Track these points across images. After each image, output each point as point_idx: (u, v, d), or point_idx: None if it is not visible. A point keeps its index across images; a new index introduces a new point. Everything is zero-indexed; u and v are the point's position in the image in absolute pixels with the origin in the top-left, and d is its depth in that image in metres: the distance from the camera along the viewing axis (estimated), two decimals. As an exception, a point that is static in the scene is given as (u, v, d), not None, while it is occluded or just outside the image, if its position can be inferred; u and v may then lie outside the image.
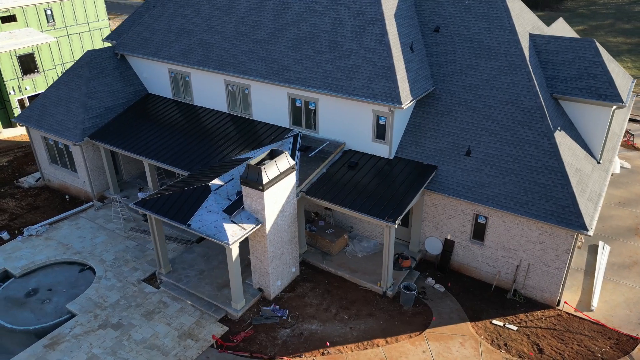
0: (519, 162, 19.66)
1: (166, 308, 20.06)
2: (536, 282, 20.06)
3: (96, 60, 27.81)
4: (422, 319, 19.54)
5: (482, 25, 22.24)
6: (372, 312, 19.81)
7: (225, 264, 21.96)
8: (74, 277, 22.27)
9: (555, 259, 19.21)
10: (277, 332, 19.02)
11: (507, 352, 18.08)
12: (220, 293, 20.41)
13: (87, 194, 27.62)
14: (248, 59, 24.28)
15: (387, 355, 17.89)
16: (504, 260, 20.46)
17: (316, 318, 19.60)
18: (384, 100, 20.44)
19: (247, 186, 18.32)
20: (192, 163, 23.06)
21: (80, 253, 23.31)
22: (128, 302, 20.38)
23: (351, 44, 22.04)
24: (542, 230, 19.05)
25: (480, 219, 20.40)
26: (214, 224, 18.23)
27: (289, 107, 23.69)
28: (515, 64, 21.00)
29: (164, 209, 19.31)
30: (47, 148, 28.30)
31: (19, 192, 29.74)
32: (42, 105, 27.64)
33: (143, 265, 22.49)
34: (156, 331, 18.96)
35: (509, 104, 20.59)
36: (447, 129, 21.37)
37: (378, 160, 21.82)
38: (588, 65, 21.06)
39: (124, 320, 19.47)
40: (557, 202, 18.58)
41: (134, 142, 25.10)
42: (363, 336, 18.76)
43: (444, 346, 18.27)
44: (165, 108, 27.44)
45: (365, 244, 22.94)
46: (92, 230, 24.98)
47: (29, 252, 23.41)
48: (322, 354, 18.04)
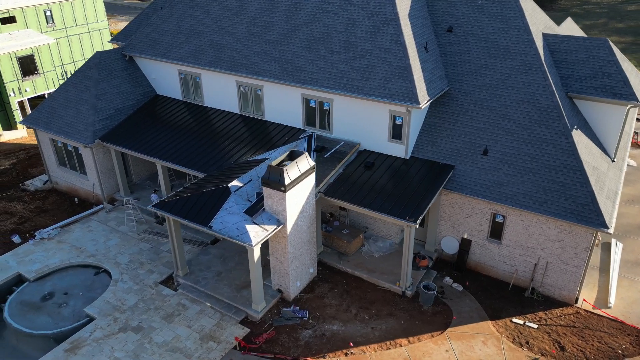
0: (537, 161, 19.78)
1: (186, 310, 19.97)
2: (554, 280, 20.20)
3: (105, 61, 27.62)
4: (442, 318, 19.60)
5: (496, 25, 22.35)
6: (392, 312, 19.85)
7: (242, 265, 21.90)
8: (90, 280, 22.10)
9: (574, 257, 19.35)
10: (298, 333, 19.00)
11: (529, 350, 18.19)
12: (239, 294, 20.35)
13: (97, 196, 27.42)
14: (261, 60, 24.22)
15: (411, 355, 17.93)
16: (522, 258, 20.58)
17: (337, 318, 19.60)
18: (401, 100, 20.47)
19: (268, 187, 18.28)
20: (207, 164, 22.96)
21: (95, 256, 23.14)
22: (147, 304, 20.27)
23: (366, 44, 22.06)
24: (561, 228, 19.18)
25: (498, 217, 20.50)
26: (236, 226, 18.17)
27: (303, 107, 23.67)
28: (530, 64, 21.13)
29: (184, 211, 19.22)
30: (56, 150, 28.06)
31: (26, 195, 29.46)
32: (50, 107, 27.40)
33: (159, 267, 22.37)
34: (177, 334, 18.86)
35: (525, 103, 20.71)
36: (463, 128, 21.45)
37: (394, 160, 21.86)
38: (602, 64, 21.23)
39: (144, 323, 19.36)
40: (576, 201, 18.71)
41: (146, 144, 24.95)
42: (385, 336, 18.79)
43: (467, 345, 18.34)
44: (176, 109, 27.31)
45: (380, 244, 22.97)
46: (105, 232, 24.80)
47: (42, 256, 23.20)
48: (346, 354, 18.05)
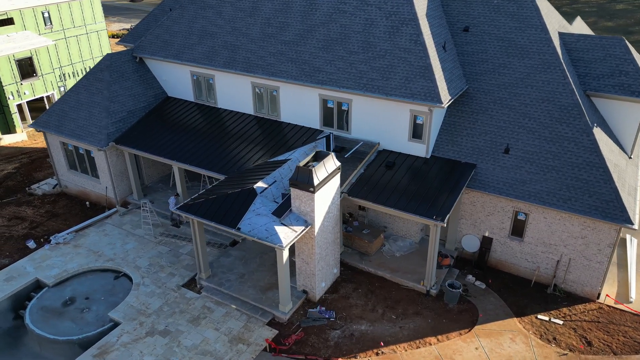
0: (559, 159, 19.99)
1: (211, 313, 19.85)
2: (577, 276, 20.43)
3: (116, 63, 27.35)
4: (468, 316, 19.72)
5: (513, 25, 22.54)
6: (418, 311, 19.93)
7: (264, 267, 21.83)
8: (110, 285, 21.88)
9: (598, 252, 19.59)
10: (327, 333, 19.00)
11: (557, 346, 18.38)
12: (265, 296, 20.29)
13: (109, 199, 27.14)
14: (277, 61, 24.16)
15: (441, 354, 18.02)
16: (544, 255, 20.78)
17: (364, 318, 19.63)
18: (423, 99, 20.56)
19: (296, 188, 18.25)
20: (226, 166, 22.85)
21: (113, 260, 22.91)
22: (171, 308, 20.11)
23: (385, 44, 22.11)
24: (585, 225, 19.41)
25: (520, 215, 20.67)
26: (265, 227, 18.11)
27: (320, 108, 23.66)
28: (549, 62, 21.34)
29: (210, 213, 19.11)
30: (66, 154, 27.72)
31: (35, 199, 29.07)
32: (61, 110, 27.06)
33: (179, 270, 22.21)
34: (205, 337, 18.75)
35: (545, 101, 20.92)
36: (484, 127, 21.61)
37: (415, 160, 21.95)
38: (619, 62, 21.52)
39: (170, 327, 19.21)
40: (600, 197, 18.95)
41: (161, 146, 24.76)
42: (414, 335, 18.86)
43: (495, 342, 18.48)
44: (189, 111, 27.13)
45: (400, 243, 23.04)
46: (121, 236, 24.56)
47: (59, 261, 22.91)
48: (377, 354, 18.08)
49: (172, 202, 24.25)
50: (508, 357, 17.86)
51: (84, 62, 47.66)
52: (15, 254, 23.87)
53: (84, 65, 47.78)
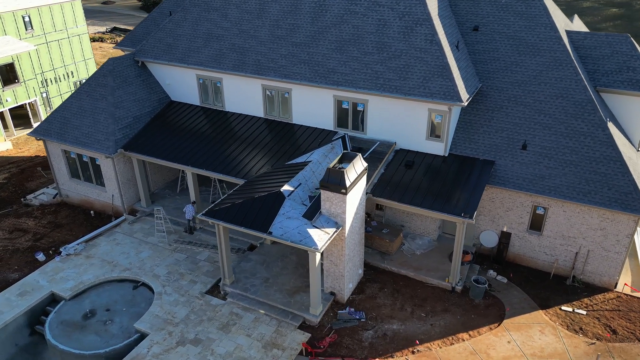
0: (577, 154, 20.52)
1: (240, 319, 19.61)
2: (595, 267, 21.01)
3: (118, 68, 26.70)
4: (495, 310, 20.04)
5: (522, 23, 23.02)
6: (446, 308, 20.14)
7: (287, 270, 21.68)
8: (130, 295, 21.35)
9: (616, 243, 20.19)
10: (360, 334, 19.01)
11: (584, 335, 18.86)
12: (293, 300, 20.15)
13: (116, 208, 26.48)
14: (289, 63, 24.03)
15: (476, 349, 18.26)
16: (563, 248, 21.30)
17: (394, 318, 19.72)
18: (442, 98, 20.79)
19: (327, 190, 18.20)
20: (244, 170, 22.61)
21: (130, 269, 22.36)
22: (198, 316, 19.77)
23: (400, 45, 22.27)
24: (604, 217, 19.98)
25: (539, 209, 21.13)
26: (297, 230, 17.99)
27: (335, 109, 23.65)
28: (560, 60, 21.88)
29: (238, 218, 18.87)
30: (68, 162, 26.91)
31: (34, 210, 28.12)
32: (63, 118, 26.25)
33: (200, 277, 21.86)
34: (238, 344, 18.51)
35: (559, 98, 21.44)
36: (500, 124, 21.99)
37: (433, 158, 22.17)
38: (626, 59, 22.25)
39: (201, 335, 18.88)
40: (619, 190, 19.54)
41: (173, 152, 24.31)
42: (446, 332, 19.05)
43: (526, 335, 18.83)
44: (195, 115, 26.71)
45: (419, 241, 23.24)
46: (134, 245, 24.00)
47: (73, 273, 22.22)
48: (413, 352, 18.20)
49: (189, 209, 23.84)
50: (540, 349, 18.24)
51: (66, 67, 46.32)
52: (24, 268, 23.04)
53: (66, 70, 46.47)
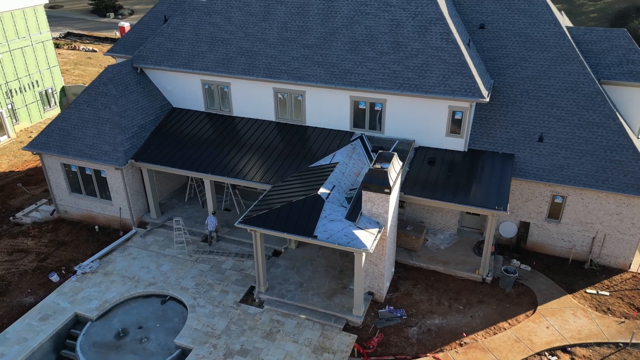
0: (591, 143, 21.58)
1: (282, 326, 19.37)
2: (611, 250, 22.17)
3: (118, 76, 25.67)
4: (527, 298, 20.78)
5: (527, 21, 23.94)
6: (481, 299, 20.69)
7: (319, 274, 21.60)
8: (160, 310, 20.62)
9: (631, 226, 21.40)
10: (405, 331, 19.22)
11: (613, 315, 19.89)
12: (332, 302, 20.11)
13: (124, 221, 25.44)
14: (302, 65, 23.91)
15: (519, 336, 18.87)
16: (580, 234, 22.34)
17: (434, 312, 20.06)
18: (464, 95, 21.32)
19: (369, 191, 18.28)
20: (267, 176, 22.32)
21: (154, 284, 21.59)
22: (239, 326, 19.37)
23: (416, 44, 22.64)
24: (620, 202, 21.13)
25: (557, 198, 22.07)
26: (343, 232, 17.97)
27: (351, 109, 23.74)
28: (567, 55, 22.93)
29: (279, 224, 18.63)
30: (68, 176, 25.61)
31: (29, 228, 26.58)
32: (62, 130, 24.95)
33: (230, 286, 21.41)
34: (287, 351, 18.28)
35: (570, 91, 22.47)
36: (515, 118, 22.78)
37: (454, 154, 22.69)
38: (625, 52, 23.60)
39: (247, 345, 18.51)
40: (634, 175, 20.73)
41: (188, 160, 23.64)
42: (486, 322, 19.57)
43: (561, 319, 19.64)
44: (202, 122, 26.07)
45: (441, 236, 23.73)
46: (152, 258, 23.17)
47: (95, 291, 21.20)
48: (460, 344, 18.59)
49: (212, 221, 23.30)
50: (577, 331, 19.08)
51: (30, 76, 44.00)
52: (38, 290, 21.77)
53: (31, 80, 44.13)
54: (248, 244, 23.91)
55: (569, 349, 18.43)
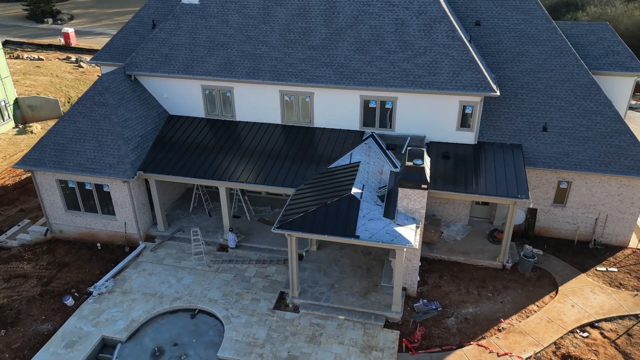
0: (592, 130, 22.98)
1: (324, 329, 19.30)
2: (612, 229, 23.73)
3: (113, 84, 24.48)
4: (547, 280, 21.84)
5: (520, 17, 25.10)
6: (506, 285, 21.54)
7: (347, 274, 21.66)
8: (191, 325, 19.94)
9: (631, 205, 23.02)
10: (444, 323, 19.69)
11: (626, 289, 21.32)
12: (368, 301, 20.25)
13: (129, 236, 24.32)
14: (309, 66, 23.84)
15: (549, 317, 19.83)
16: (584, 216, 23.75)
17: (466, 302, 20.68)
18: (475, 90, 22.08)
19: (406, 187, 18.56)
20: (287, 180, 22.10)
21: (180, 298, 20.84)
22: (280, 333, 19.10)
23: (423, 42, 23.17)
24: (621, 183, 22.66)
25: (562, 184, 23.34)
26: (385, 231, 18.16)
27: (361, 109, 23.94)
28: (560, 48, 24.26)
29: (317, 227, 18.54)
30: (64, 193, 24.14)
31: (22, 251, 24.86)
32: (57, 144, 23.48)
33: (259, 294, 21.05)
34: (335, 352, 18.25)
35: (566, 82, 23.79)
36: (518, 110, 23.84)
37: (465, 148, 23.43)
38: (610, 44, 25.30)
39: (294, 352, 18.30)
40: (633, 158, 22.29)
41: (200, 169, 22.95)
42: (517, 306, 20.41)
43: (582, 297, 20.83)
44: (205, 128, 25.37)
45: (454, 227, 24.44)
46: (169, 272, 22.34)
47: (117, 312, 20.17)
48: (499, 330, 19.29)
49: (231, 238, 23.01)
50: (600, 307, 20.31)
51: (-20, 90, 41.02)
52: (53, 316, 20.43)
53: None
54: (266, 249, 23.58)
55: (596, 325, 19.59)
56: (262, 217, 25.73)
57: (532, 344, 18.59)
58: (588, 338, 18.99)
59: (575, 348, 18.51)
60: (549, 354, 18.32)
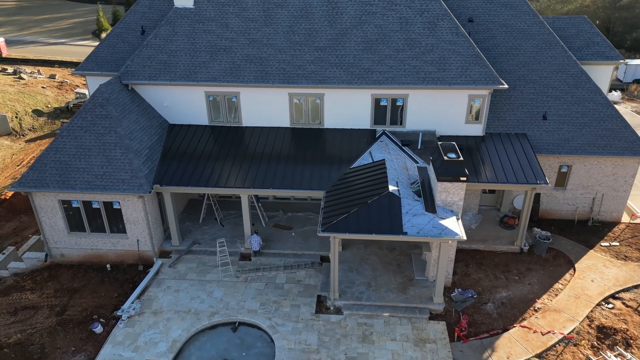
0: (587, 117, 24.65)
1: (372, 327, 19.40)
2: (607, 206, 25.60)
3: (112, 95, 23.14)
4: (562, 259, 23.20)
5: (509, 13, 26.43)
6: (529, 267, 22.65)
7: (378, 271, 21.87)
8: (236, 338, 19.34)
9: (624, 183, 24.95)
10: (483, 309, 20.41)
11: (631, 261, 23.11)
12: (408, 295, 20.58)
13: (142, 254, 23.11)
14: (319, 68, 23.78)
15: (576, 293, 21.11)
16: (582, 197, 25.45)
17: (497, 287, 21.54)
18: (484, 83, 23.02)
19: (446, 181, 19.06)
20: (312, 182, 21.93)
21: (217, 313, 20.13)
22: (331, 336, 18.98)
23: (429, 40, 23.82)
24: (616, 164, 24.51)
25: (563, 168, 24.87)
26: (431, 225, 18.56)
27: (372, 107, 24.22)
28: (549, 41, 25.81)
29: (363, 227, 18.62)
30: (67, 214, 22.54)
31: (21, 280, 22.99)
32: (58, 162, 21.84)
33: (297, 299, 20.78)
34: (392, 349, 18.43)
35: (558, 72, 25.35)
36: (518, 101, 25.10)
37: (475, 139, 24.35)
38: (590, 35, 27.23)
39: (351, 353, 18.27)
40: (626, 140, 24.18)
41: (219, 178, 22.24)
42: (544, 286, 21.54)
43: (598, 272, 22.33)
44: (212, 136, 24.58)
45: (466, 217, 25.32)
46: (196, 287, 21.50)
47: (155, 333, 19.15)
48: (535, 310, 20.28)
49: (255, 240, 22.43)
50: (615, 279, 21.88)
51: None
52: (84, 346, 19.04)
53: None
54: (291, 254, 23.28)
55: (617, 296, 21.10)
56: (277, 222, 25.33)
57: (568, 320, 19.72)
58: (614, 309, 20.42)
59: (606, 319, 19.84)
60: (586, 328, 19.52)
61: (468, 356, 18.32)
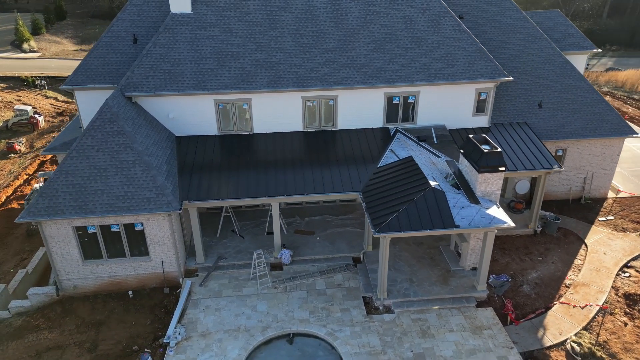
0: (576, 103, 26.54)
1: (426, 322, 19.71)
2: (596, 184, 27.74)
3: (121, 110, 21.59)
4: (572, 237, 24.85)
5: (495, 9, 27.82)
6: (547, 247, 24.02)
7: (414, 266, 22.21)
8: (295, 350, 18.83)
9: (610, 162, 27.17)
10: (521, 291, 21.40)
11: (629, 232, 25.25)
12: (451, 286, 21.09)
13: (168, 275, 21.81)
14: (332, 69, 23.67)
15: (595, 267, 22.71)
16: (575, 177, 27.39)
17: (525, 269, 22.65)
18: (491, 77, 24.09)
19: (486, 172, 19.74)
20: (344, 185, 21.80)
21: (269, 327, 19.48)
22: (391, 335, 19.05)
23: (434, 37, 24.51)
24: (604, 144, 26.63)
25: (559, 152, 26.63)
26: (479, 215, 19.16)
27: (385, 106, 24.50)
28: (533, 34, 27.48)
29: (415, 224, 18.87)
30: (81, 241, 20.76)
31: (33, 321, 20.89)
32: (71, 186, 20.02)
33: (344, 304, 20.61)
34: (453, 341, 18.83)
35: (546, 63, 27.08)
36: (515, 91, 26.50)
37: (482, 131, 25.39)
38: (564, 28, 29.30)
39: (416, 350, 18.45)
40: (611, 122, 26.33)
41: (246, 188, 21.48)
42: (565, 263, 22.97)
43: (606, 245, 24.18)
44: (225, 145, 23.66)
45: (476, 206, 26.35)
46: (237, 303, 20.65)
47: (211, 356, 18.17)
48: (567, 286, 21.59)
49: (286, 254, 21.96)
50: (623, 250, 23.80)
51: None
52: (137, 380, 17.66)
53: None
54: (322, 259, 23.01)
55: (629, 265, 22.98)
56: (297, 228, 24.89)
57: (598, 292, 21.20)
58: (630, 277, 22.22)
59: (629, 287, 21.57)
60: (614, 297, 21.10)
61: (524, 337, 19.15)
